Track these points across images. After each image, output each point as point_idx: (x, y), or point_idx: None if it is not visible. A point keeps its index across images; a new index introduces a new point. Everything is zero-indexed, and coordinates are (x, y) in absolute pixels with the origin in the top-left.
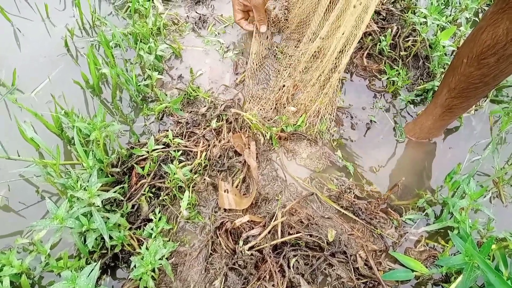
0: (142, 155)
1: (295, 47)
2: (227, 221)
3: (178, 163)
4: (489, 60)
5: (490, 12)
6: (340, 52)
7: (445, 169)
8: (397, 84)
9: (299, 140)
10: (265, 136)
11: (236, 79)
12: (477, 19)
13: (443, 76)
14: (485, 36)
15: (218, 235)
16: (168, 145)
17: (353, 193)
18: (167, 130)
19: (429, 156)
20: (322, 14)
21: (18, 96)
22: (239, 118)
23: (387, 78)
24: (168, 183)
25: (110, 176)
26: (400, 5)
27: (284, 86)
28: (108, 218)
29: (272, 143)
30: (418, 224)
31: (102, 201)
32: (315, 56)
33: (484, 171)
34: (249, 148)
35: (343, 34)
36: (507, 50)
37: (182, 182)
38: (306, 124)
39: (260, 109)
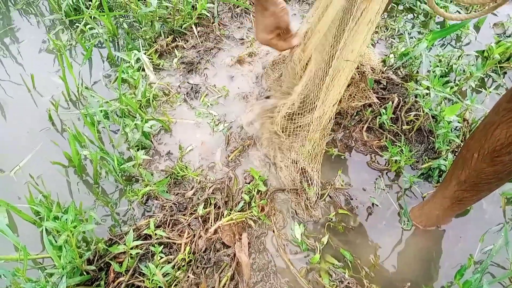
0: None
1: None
2: None
3: (159, 259)
4: (503, 158)
5: (503, 108)
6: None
7: (455, 260)
8: (399, 162)
9: (287, 213)
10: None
11: (228, 156)
12: (483, 90)
13: (451, 165)
14: (498, 133)
15: None
16: (150, 236)
17: None
18: (151, 216)
19: (437, 245)
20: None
21: None
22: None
23: (390, 156)
24: (148, 283)
25: (85, 273)
26: (401, 73)
27: None
28: None
29: (260, 218)
30: None
31: None
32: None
33: (498, 262)
34: (240, 240)
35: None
36: None
37: (162, 283)
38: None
39: None
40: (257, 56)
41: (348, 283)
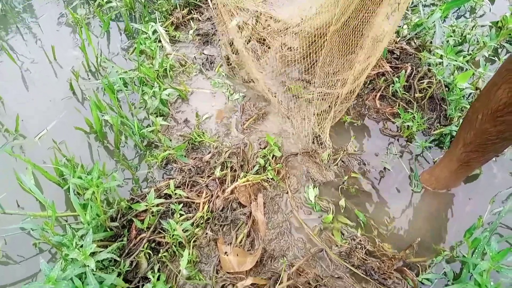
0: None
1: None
2: (228, 284)
3: (179, 216)
4: (506, 118)
5: (505, 68)
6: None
7: (464, 221)
8: (412, 128)
9: (301, 177)
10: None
11: (243, 123)
12: (496, 58)
13: (458, 128)
14: (500, 94)
15: None
16: (170, 196)
17: (364, 248)
18: (171, 178)
19: (448, 207)
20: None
21: (21, 141)
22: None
23: (402, 122)
24: (168, 238)
25: (109, 230)
26: (415, 43)
27: None
28: (104, 279)
29: (274, 180)
30: (436, 284)
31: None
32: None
33: (507, 224)
34: (255, 200)
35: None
36: None
37: (182, 238)
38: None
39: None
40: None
41: (360, 240)
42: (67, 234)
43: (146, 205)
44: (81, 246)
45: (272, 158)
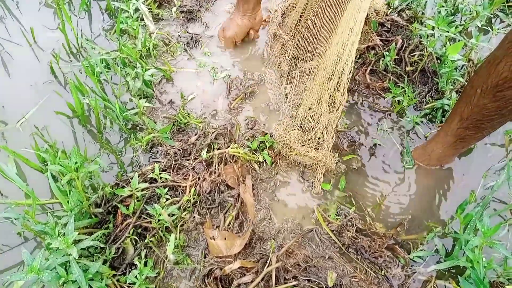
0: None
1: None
2: (216, 268)
3: (164, 201)
4: (506, 93)
5: (508, 40)
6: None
7: (457, 196)
8: (402, 103)
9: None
10: (263, 161)
11: (230, 103)
12: (489, 28)
13: (455, 103)
14: (501, 68)
15: (207, 283)
16: (155, 180)
17: (355, 225)
18: (156, 162)
19: (440, 183)
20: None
21: (3, 128)
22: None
23: (392, 97)
24: (154, 223)
25: (93, 216)
26: (406, 15)
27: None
28: (89, 267)
29: (267, 164)
30: (428, 261)
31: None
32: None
33: (500, 198)
34: (244, 182)
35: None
36: None
37: (168, 223)
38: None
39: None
40: None
41: (351, 218)
42: (49, 222)
43: (130, 190)
44: (64, 234)
45: (269, 149)
